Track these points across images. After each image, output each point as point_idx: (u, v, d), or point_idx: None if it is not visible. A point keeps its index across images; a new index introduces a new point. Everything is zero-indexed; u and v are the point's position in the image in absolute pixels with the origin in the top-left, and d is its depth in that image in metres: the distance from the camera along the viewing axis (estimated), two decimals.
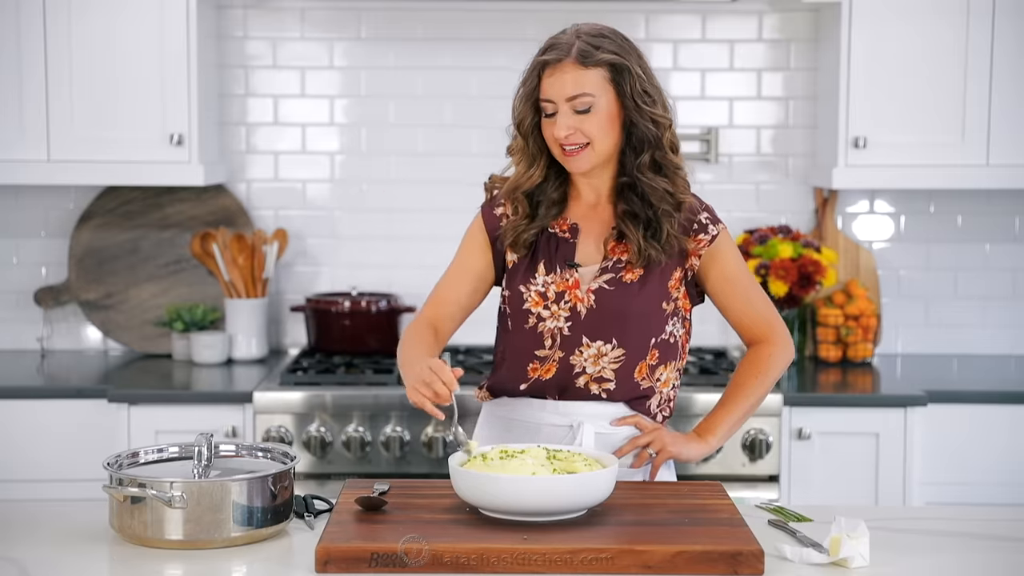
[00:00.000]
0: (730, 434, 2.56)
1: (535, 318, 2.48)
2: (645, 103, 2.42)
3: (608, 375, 2.47)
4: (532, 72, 2.44)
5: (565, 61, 2.40)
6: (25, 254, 4.18)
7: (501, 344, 2.57)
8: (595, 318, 2.45)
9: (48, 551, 2.12)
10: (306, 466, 3.52)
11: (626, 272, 2.46)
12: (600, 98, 2.40)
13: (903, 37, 3.79)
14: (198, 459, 2.19)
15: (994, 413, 3.62)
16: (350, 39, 4.14)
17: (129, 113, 3.78)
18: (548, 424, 2.49)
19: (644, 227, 2.44)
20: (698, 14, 4.12)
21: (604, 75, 2.40)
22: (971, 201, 4.18)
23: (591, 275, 2.48)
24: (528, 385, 2.50)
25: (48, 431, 3.59)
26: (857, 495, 3.56)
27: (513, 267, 2.53)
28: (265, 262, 4.04)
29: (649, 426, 2.51)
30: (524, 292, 2.49)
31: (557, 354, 2.47)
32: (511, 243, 2.51)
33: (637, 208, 2.45)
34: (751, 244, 4.02)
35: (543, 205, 2.50)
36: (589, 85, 2.39)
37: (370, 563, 1.99)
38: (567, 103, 2.40)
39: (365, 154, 4.17)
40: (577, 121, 2.40)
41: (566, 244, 2.50)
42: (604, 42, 2.42)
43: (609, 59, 2.40)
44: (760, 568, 2.00)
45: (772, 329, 2.55)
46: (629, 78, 2.41)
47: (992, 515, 2.44)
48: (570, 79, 2.39)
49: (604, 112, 2.41)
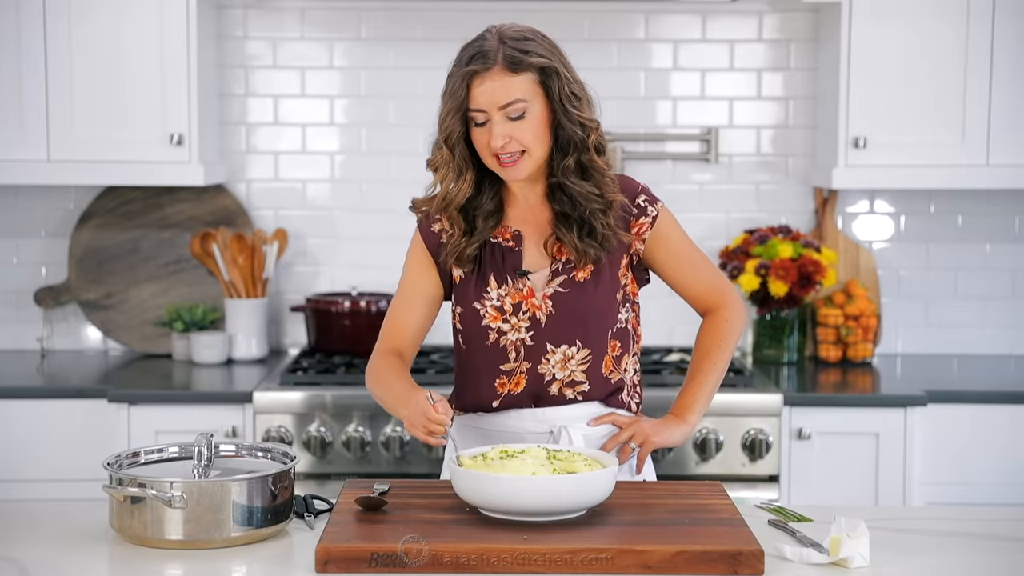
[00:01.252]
0: (706, 406, 2.54)
1: (495, 333, 2.45)
2: (573, 106, 2.36)
3: (579, 377, 2.45)
4: (460, 83, 2.34)
5: (493, 68, 2.33)
6: (25, 254, 4.18)
7: (461, 363, 2.53)
8: (556, 323, 2.43)
9: (48, 551, 2.12)
10: (306, 466, 3.52)
11: (577, 271, 2.44)
12: (532, 103, 2.34)
13: (903, 37, 3.79)
14: (198, 459, 2.19)
15: (994, 413, 3.62)
16: (350, 39, 4.14)
17: (129, 113, 3.78)
18: (529, 432, 2.46)
19: (577, 227, 2.41)
20: (698, 14, 4.12)
21: (533, 79, 2.34)
22: (971, 201, 4.18)
23: (543, 280, 2.44)
24: (500, 401, 2.47)
25: (48, 431, 3.59)
26: (857, 495, 3.56)
27: (462, 282, 2.48)
28: (265, 262, 4.04)
29: (627, 420, 2.49)
30: (480, 308, 2.46)
31: (523, 365, 2.44)
32: (455, 261, 2.46)
33: (567, 209, 2.41)
34: (751, 244, 4.02)
35: (479, 218, 2.45)
36: (520, 91, 2.33)
37: (370, 563, 1.99)
38: (499, 111, 2.33)
39: (365, 154, 4.17)
40: (511, 128, 2.34)
41: (512, 253, 2.46)
42: (530, 45, 2.35)
43: (538, 62, 2.34)
44: (760, 568, 2.00)
45: (723, 295, 2.55)
46: (557, 80, 2.35)
47: (992, 515, 2.43)
48: (501, 87, 2.33)
49: (537, 117, 2.35)
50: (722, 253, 4.10)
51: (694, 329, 2.62)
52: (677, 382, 3.59)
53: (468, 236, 2.45)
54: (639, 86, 4.10)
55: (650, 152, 4.16)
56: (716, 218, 4.17)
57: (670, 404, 2.53)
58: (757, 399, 3.53)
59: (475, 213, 2.45)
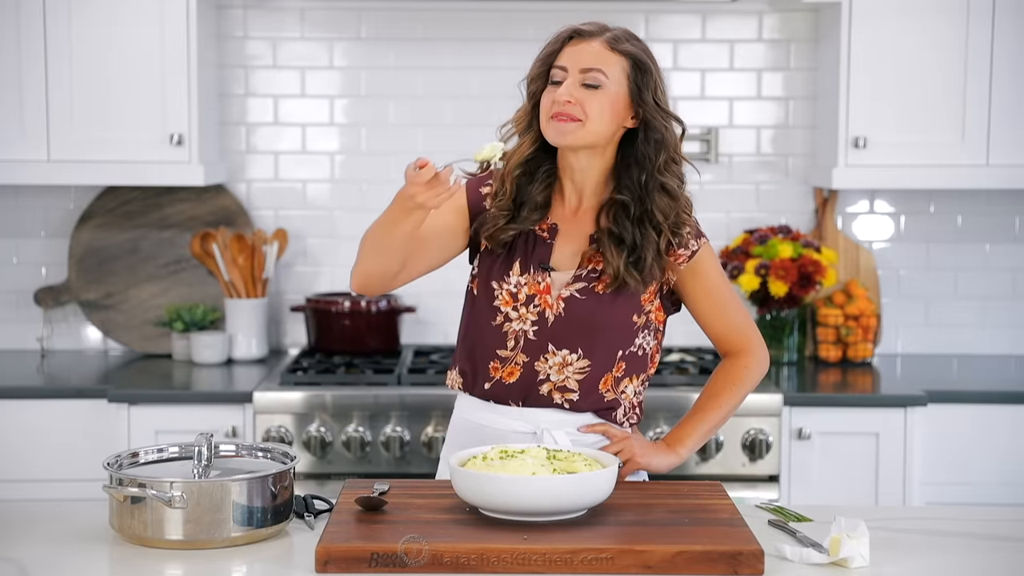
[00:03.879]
0: (700, 444, 2.53)
1: (503, 317, 2.44)
2: (660, 104, 2.39)
3: (572, 385, 2.44)
4: (559, 37, 2.42)
5: (595, 38, 2.38)
6: (25, 254, 4.18)
7: (465, 324, 2.52)
8: (562, 326, 2.42)
9: (48, 551, 2.12)
10: (306, 466, 3.52)
11: (599, 282, 2.42)
12: (612, 82, 2.37)
13: (903, 37, 3.79)
14: (198, 459, 2.19)
15: (994, 413, 3.62)
16: (350, 39, 4.14)
17: (129, 113, 3.78)
18: (512, 431, 2.45)
19: (628, 253, 2.40)
20: (698, 14, 4.12)
21: (625, 67, 2.38)
22: (971, 201, 4.18)
23: (563, 281, 2.43)
24: (491, 386, 2.46)
25: (48, 431, 3.59)
26: (857, 495, 3.56)
27: (487, 253, 2.48)
28: (265, 262, 4.04)
29: (618, 435, 2.47)
30: (496, 289, 2.45)
31: (520, 357, 2.44)
32: (488, 236, 2.45)
33: (625, 232, 2.40)
34: (751, 244, 4.02)
35: (527, 207, 2.45)
36: (608, 66, 2.37)
37: (370, 563, 1.99)
38: (579, 74, 2.37)
39: (365, 154, 4.17)
40: (581, 94, 2.36)
41: (543, 245, 2.46)
42: (636, 42, 2.41)
43: (636, 54, 2.38)
44: (760, 568, 2.00)
45: (748, 340, 2.52)
46: (650, 80, 2.38)
47: (992, 515, 2.43)
48: (592, 52, 2.37)
49: (610, 97, 2.37)
50: (722, 253, 4.10)
51: (694, 329, 2.62)
52: (677, 382, 3.59)
53: (509, 218, 2.44)
54: None
55: None
56: (716, 218, 4.17)
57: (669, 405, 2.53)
58: (757, 399, 3.53)
59: (524, 200, 2.45)
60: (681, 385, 3.58)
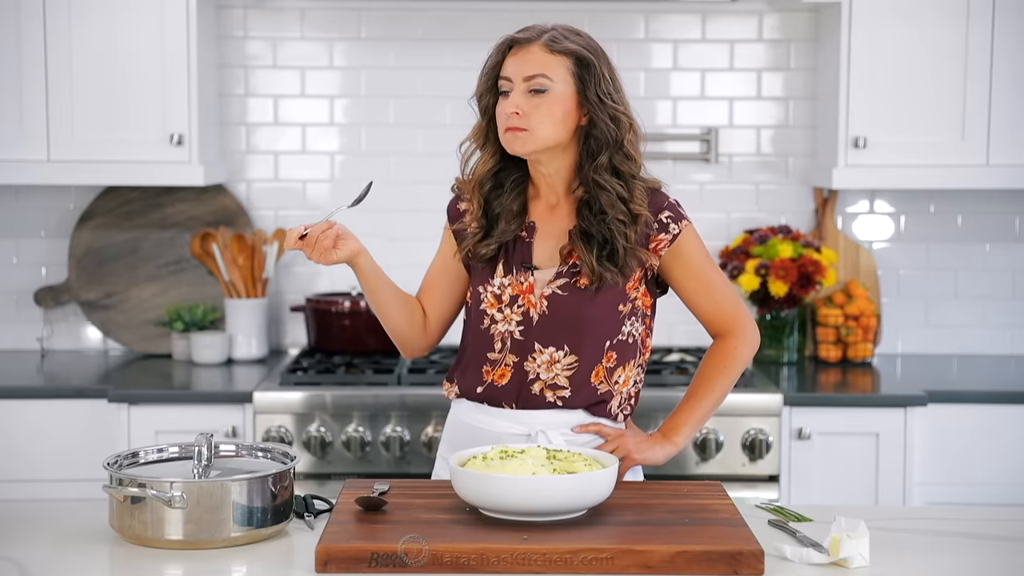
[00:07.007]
0: (696, 431, 2.52)
1: (488, 319, 2.46)
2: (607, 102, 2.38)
3: (562, 382, 2.44)
4: (499, 48, 2.43)
5: (533, 43, 2.39)
6: (25, 254, 4.18)
7: (463, 337, 2.55)
8: (547, 324, 2.42)
9: (48, 551, 2.13)
10: (306, 466, 3.52)
11: (581, 276, 2.42)
12: (559, 83, 2.37)
13: (903, 37, 3.79)
14: (198, 459, 2.19)
15: (994, 413, 3.62)
16: (350, 39, 4.14)
17: (129, 113, 3.78)
18: (507, 433, 2.45)
19: (598, 248, 2.39)
20: (698, 14, 4.12)
21: (568, 66, 2.38)
22: (971, 201, 4.18)
23: (546, 279, 2.44)
24: (484, 389, 2.47)
25: (48, 431, 3.59)
26: (857, 495, 3.56)
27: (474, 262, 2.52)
28: (265, 262, 4.04)
29: (612, 433, 2.47)
30: (482, 292, 2.47)
31: (510, 359, 2.44)
32: (467, 254, 2.49)
33: (592, 227, 2.39)
34: (751, 244, 4.02)
35: (503, 218, 2.46)
36: (551, 68, 2.37)
37: (370, 563, 1.99)
38: (524, 82, 2.37)
39: (365, 154, 4.17)
40: (527, 102, 2.37)
41: (523, 244, 2.46)
42: (576, 38, 2.40)
43: (577, 51, 2.38)
44: (760, 568, 2.00)
45: (737, 321, 2.51)
46: (594, 74, 2.38)
47: (992, 515, 2.44)
48: (532, 58, 2.38)
49: (559, 99, 2.37)
50: (722, 253, 4.10)
51: (694, 328, 2.62)
52: (677, 382, 3.59)
53: (484, 233, 2.46)
54: (639, 86, 4.10)
55: (650, 152, 4.13)
56: (716, 218, 4.17)
57: (668, 404, 2.53)
58: (757, 399, 3.53)
59: (498, 212, 2.46)
60: (681, 385, 3.57)
